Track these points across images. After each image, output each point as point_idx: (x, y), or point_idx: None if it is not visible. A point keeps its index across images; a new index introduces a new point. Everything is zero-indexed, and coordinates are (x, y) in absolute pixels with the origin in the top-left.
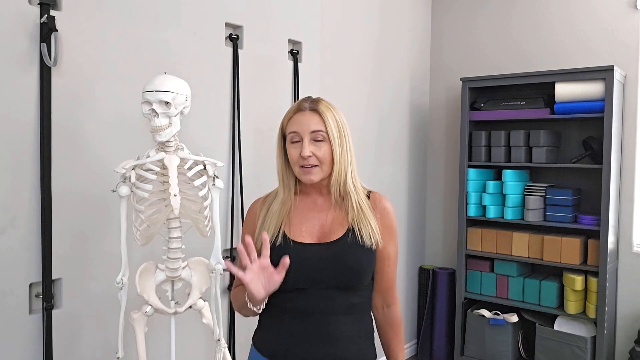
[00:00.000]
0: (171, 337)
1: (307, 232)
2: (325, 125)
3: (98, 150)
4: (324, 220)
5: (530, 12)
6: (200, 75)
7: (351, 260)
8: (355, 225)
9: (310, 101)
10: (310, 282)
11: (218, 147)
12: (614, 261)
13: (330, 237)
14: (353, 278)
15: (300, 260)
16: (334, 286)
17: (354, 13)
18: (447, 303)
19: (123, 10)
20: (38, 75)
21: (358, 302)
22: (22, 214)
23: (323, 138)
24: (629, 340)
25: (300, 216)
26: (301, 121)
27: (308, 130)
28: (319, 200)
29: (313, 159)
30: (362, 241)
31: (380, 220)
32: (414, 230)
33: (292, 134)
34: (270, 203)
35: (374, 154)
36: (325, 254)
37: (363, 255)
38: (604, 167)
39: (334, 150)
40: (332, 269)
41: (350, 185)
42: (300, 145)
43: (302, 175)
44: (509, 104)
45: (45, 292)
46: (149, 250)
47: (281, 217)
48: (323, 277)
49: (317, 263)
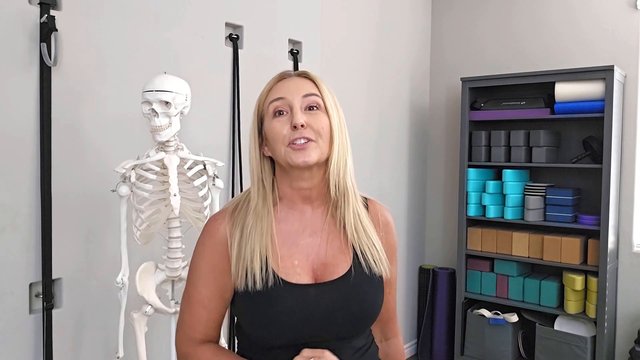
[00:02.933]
0: (171, 337)
1: (302, 267)
2: (319, 90)
3: (98, 150)
4: (320, 246)
5: (530, 12)
6: (200, 75)
7: (364, 303)
8: (357, 248)
9: (295, 70)
10: (310, 337)
11: (218, 147)
12: (614, 261)
13: (332, 271)
14: (364, 324)
15: (299, 311)
16: (337, 337)
17: (354, 13)
18: (447, 303)
19: (123, 10)
20: (38, 75)
21: (364, 344)
22: (22, 214)
23: (318, 106)
24: (629, 340)
25: (288, 243)
26: (289, 86)
27: (299, 93)
28: (308, 217)
29: (308, 130)
30: (371, 271)
31: (384, 238)
32: (414, 230)
33: (275, 102)
34: (243, 222)
35: (373, 154)
36: (332, 300)
37: (374, 291)
38: (604, 167)
39: (332, 125)
40: (341, 318)
41: (349, 182)
42: (288, 116)
43: (292, 156)
44: (509, 103)
45: (45, 292)
46: (149, 250)
47: (264, 248)
48: (327, 329)
49: (323, 314)
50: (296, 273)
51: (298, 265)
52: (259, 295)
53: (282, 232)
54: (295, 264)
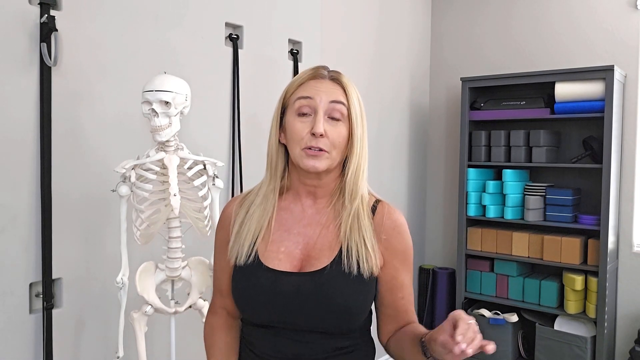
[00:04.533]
0: (171, 337)
1: (286, 254)
2: (348, 99)
3: (98, 150)
4: (311, 238)
5: (530, 12)
6: (200, 75)
7: (336, 299)
8: (345, 246)
9: (328, 70)
10: (281, 322)
11: (218, 147)
12: (614, 261)
13: (313, 264)
14: (337, 319)
15: (270, 294)
16: (310, 329)
17: (354, 13)
18: (447, 303)
19: (123, 10)
20: (38, 75)
21: (348, 344)
22: (22, 214)
23: (341, 117)
24: (629, 340)
25: (282, 229)
26: (318, 87)
27: (327, 99)
28: (309, 209)
29: (325, 140)
30: (350, 269)
31: (388, 241)
32: (414, 230)
33: (302, 100)
34: (249, 206)
35: (373, 154)
36: (304, 289)
37: (350, 289)
38: (604, 167)
39: (354, 135)
40: (310, 309)
41: (361, 188)
42: (310, 119)
43: (303, 160)
44: (509, 103)
45: (45, 292)
46: (149, 250)
47: (259, 228)
48: (298, 318)
49: (292, 300)
50: (277, 258)
51: (283, 252)
52: (240, 269)
53: (280, 219)
54: (281, 250)
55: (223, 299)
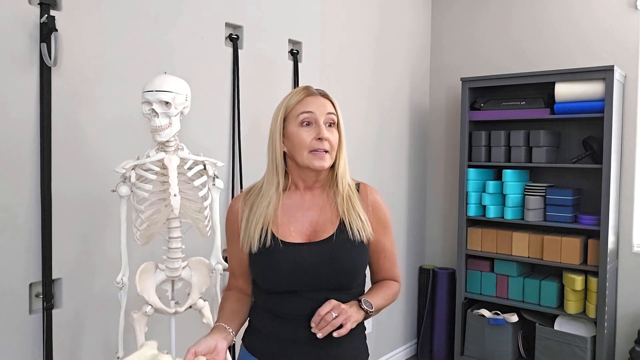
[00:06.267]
0: (171, 337)
1: (297, 231)
2: (336, 110)
3: (98, 150)
4: (313, 217)
5: (530, 12)
6: (200, 75)
7: (345, 260)
8: (345, 219)
9: (315, 88)
10: (302, 285)
11: (218, 147)
12: (614, 261)
13: (320, 236)
14: (347, 278)
15: (291, 263)
16: (326, 288)
17: (354, 13)
18: (447, 303)
19: (123, 10)
20: (38, 75)
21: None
22: (22, 214)
23: (333, 123)
24: (629, 340)
25: (287, 215)
26: (317, 103)
27: (324, 111)
28: (308, 197)
29: (327, 143)
30: (353, 237)
31: (373, 214)
32: (413, 230)
33: (305, 115)
34: (254, 201)
35: (374, 154)
36: (318, 255)
37: (356, 253)
38: (604, 167)
39: (341, 137)
40: (326, 271)
41: (347, 177)
42: (313, 128)
43: (313, 161)
44: (509, 104)
45: (45, 292)
46: (149, 250)
47: (268, 218)
48: (316, 279)
49: (311, 266)
50: (291, 235)
51: (294, 230)
52: (260, 254)
53: (284, 207)
54: (291, 229)
55: (236, 280)
